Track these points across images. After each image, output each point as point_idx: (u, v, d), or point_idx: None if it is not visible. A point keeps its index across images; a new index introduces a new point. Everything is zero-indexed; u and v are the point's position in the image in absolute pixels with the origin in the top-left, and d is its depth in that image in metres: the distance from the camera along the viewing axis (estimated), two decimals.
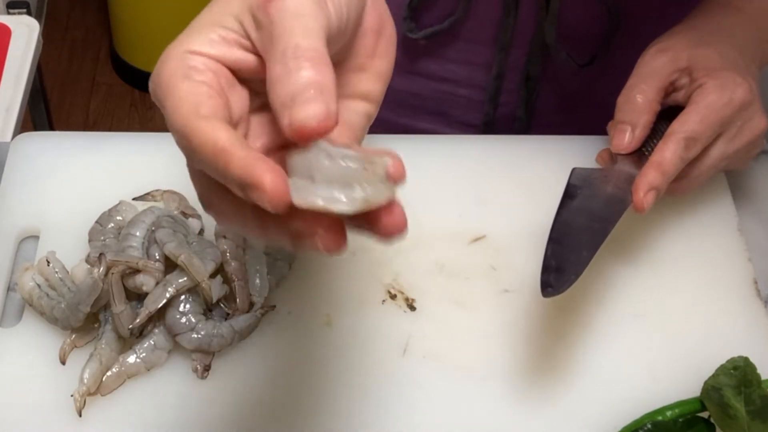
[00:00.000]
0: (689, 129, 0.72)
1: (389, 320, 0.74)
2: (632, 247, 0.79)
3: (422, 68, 0.90)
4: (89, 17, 2.57)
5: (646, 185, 0.71)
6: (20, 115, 1.17)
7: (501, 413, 0.69)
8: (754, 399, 0.67)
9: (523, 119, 0.91)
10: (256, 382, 0.70)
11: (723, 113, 0.73)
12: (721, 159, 0.75)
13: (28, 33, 1.24)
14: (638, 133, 0.74)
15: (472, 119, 0.93)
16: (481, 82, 0.89)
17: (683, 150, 0.72)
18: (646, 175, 0.72)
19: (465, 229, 0.79)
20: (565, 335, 0.74)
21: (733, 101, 0.73)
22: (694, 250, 0.79)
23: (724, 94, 0.73)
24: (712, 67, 0.74)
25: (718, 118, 0.73)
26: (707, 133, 0.73)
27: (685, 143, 0.72)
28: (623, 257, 0.78)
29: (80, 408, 0.67)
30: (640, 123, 0.74)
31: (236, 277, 0.72)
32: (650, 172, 0.72)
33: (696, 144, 0.73)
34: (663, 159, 0.72)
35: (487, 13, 0.84)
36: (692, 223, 0.81)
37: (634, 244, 0.79)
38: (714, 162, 0.75)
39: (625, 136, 0.74)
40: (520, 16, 0.84)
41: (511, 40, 0.86)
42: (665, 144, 0.72)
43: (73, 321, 0.70)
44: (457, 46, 0.87)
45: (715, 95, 0.73)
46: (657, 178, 0.72)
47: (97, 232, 0.75)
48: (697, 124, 0.72)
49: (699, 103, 0.73)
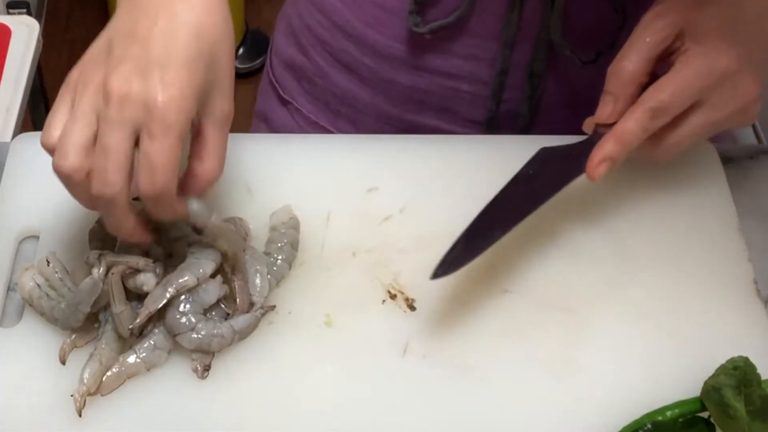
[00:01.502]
0: (659, 99, 0.72)
1: (389, 320, 0.74)
2: (632, 246, 0.79)
3: (427, 63, 0.90)
4: (89, 17, 2.57)
5: (601, 155, 0.73)
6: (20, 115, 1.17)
7: (501, 413, 0.69)
8: (754, 399, 0.67)
9: (526, 116, 0.91)
10: (256, 382, 0.70)
11: (700, 84, 0.73)
12: (704, 126, 0.75)
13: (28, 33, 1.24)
14: (620, 105, 0.74)
15: (476, 115, 0.93)
16: (486, 77, 0.89)
17: (648, 120, 0.72)
18: (604, 145, 0.73)
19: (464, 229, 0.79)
20: (565, 335, 0.74)
21: (713, 71, 0.73)
22: (694, 250, 0.79)
23: (704, 63, 0.72)
24: (703, 32, 0.73)
25: (694, 89, 0.73)
26: (678, 103, 0.73)
27: (651, 113, 0.72)
28: (623, 257, 0.78)
29: (80, 408, 0.67)
30: (622, 96, 0.74)
31: (236, 277, 0.72)
32: (608, 142, 0.73)
33: (664, 114, 0.73)
34: (625, 128, 0.73)
35: (493, 8, 0.84)
36: (692, 223, 0.81)
37: (634, 243, 0.79)
38: (695, 129, 0.75)
39: (607, 107, 0.75)
40: (525, 12, 0.84)
41: (516, 36, 0.86)
42: (630, 113, 0.73)
43: (73, 321, 0.70)
44: (462, 41, 0.87)
45: (695, 64, 0.73)
46: (614, 148, 0.73)
47: (97, 232, 0.75)
48: (669, 95, 0.72)
49: (677, 72, 0.73)
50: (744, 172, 0.85)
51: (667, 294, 0.76)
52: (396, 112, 0.94)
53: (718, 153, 0.85)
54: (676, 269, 0.78)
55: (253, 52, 2.37)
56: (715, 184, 0.83)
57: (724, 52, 0.73)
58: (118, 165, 0.64)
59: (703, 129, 0.75)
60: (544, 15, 0.84)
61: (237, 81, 0.70)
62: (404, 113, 0.94)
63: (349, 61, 0.92)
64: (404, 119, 0.94)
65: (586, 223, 0.80)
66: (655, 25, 0.75)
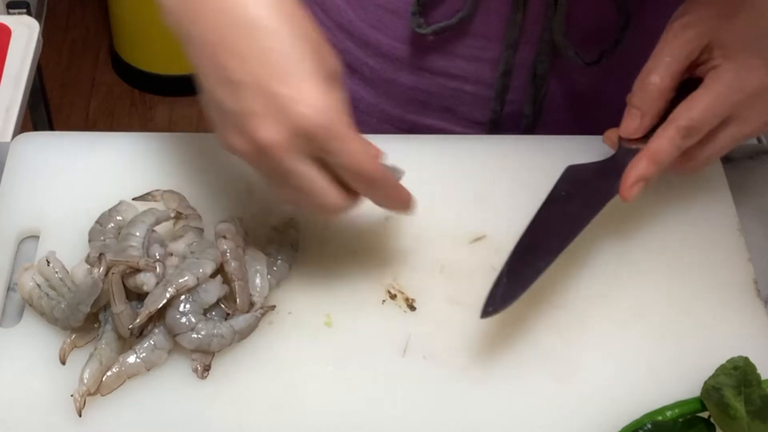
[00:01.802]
0: (691, 117, 0.71)
1: (389, 320, 0.74)
2: (632, 247, 0.79)
3: (430, 64, 0.90)
4: (89, 17, 2.57)
5: (636, 176, 0.72)
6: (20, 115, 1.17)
7: (501, 413, 0.69)
8: (754, 399, 0.67)
9: (530, 117, 0.91)
10: (256, 382, 0.70)
11: (731, 100, 0.72)
12: (734, 140, 0.74)
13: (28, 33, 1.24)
14: (647, 121, 0.74)
15: (479, 116, 0.93)
16: (489, 79, 0.89)
17: (681, 139, 0.72)
18: (638, 164, 0.72)
19: (465, 229, 0.79)
20: (565, 335, 0.74)
21: (745, 88, 0.72)
22: (694, 251, 0.79)
23: (735, 80, 0.72)
24: (732, 47, 0.72)
25: (726, 106, 0.72)
26: (710, 121, 0.72)
27: (684, 132, 0.72)
28: (623, 257, 0.78)
29: (80, 408, 0.67)
30: (650, 112, 0.74)
31: (236, 277, 0.72)
32: (642, 161, 0.72)
33: (697, 133, 0.72)
34: (658, 148, 0.72)
35: (496, 9, 0.84)
36: (692, 224, 0.81)
37: (634, 243, 0.79)
38: (726, 143, 0.74)
39: (634, 122, 0.74)
40: (528, 13, 0.84)
41: (520, 37, 0.86)
42: (663, 131, 0.72)
43: (73, 321, 0.70)
44: (465, 42, 0.87)
45: (726, 80, 0.72)
46: (648, 168, 0.72)
47: (97, 232, 0.75)
48: (701, 113, 0.71)
49: (708, 89, 0.72)
50: (744, 172, 0.85)
51: (667, 294, 0.76)
52: (399, 113, 0.94)
53: None
54: (676, 269, 0.78)
55: None
56: (715, 184, 0.83)
57: (755, 69, 0.72)
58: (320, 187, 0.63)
59: (733, 142, 0.75)
60: (547, 16, 0.84)
61: None
62: (407, 114, 0.94)
63: (352, 61, 0.92)
64: (407, 120, 0.94)
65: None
66: (683, 36, 0.73)
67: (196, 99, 0.67)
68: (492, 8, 0.84)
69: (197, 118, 2.29)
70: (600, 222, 0.80)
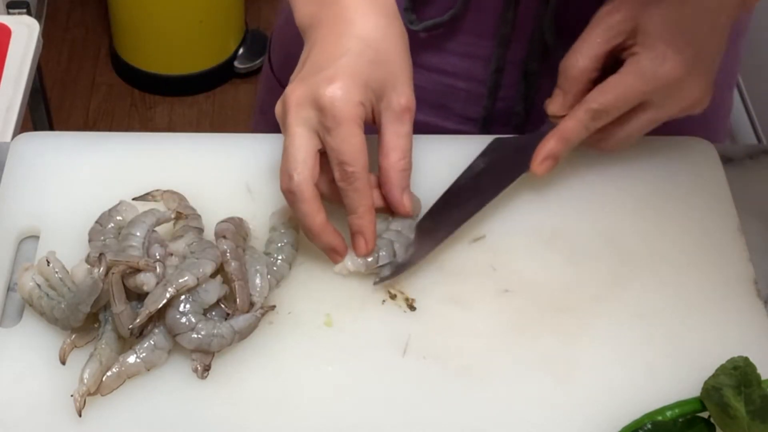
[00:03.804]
0: (600, 102, 0.76)
1: (389, 320, 0.74)
2: (632, 246, 0.79)
3: (422, 60, 0.90)
4: (89, 17, 2.57)
5: (545, 152, 0.78)
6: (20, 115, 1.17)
7: (501, 413, 0.69)
8: (754, 399, 0.67)
9: (521, 114, 0.91)
10: (256, 383, 0.70)
11: (643, 89, 0.75)
12: (650, 122, 0.78)
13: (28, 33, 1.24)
14: (569, 100, 0.78)
15: (471, 112, 0.93)
16: (481, 75, 0.90)
17: (589, 120, 0.76)
18: (548, 142, 0.78)
19: (465, 229, 0.79)
20: (565, 335, 0.74)
21: (659, 78, 0.75)
22: (694, 250, 0.79)
23: (648, 68, 0.75)
24: (652, 34, 0.75)
25: (637, 94, 0.75)
26: (620, 106, 0.76)
27: (593, 114, 0.76)
28: (623, 257, 0.78)
29: (80, 408, 0.67)
30: (571, 91, 0.78)
31: (236, 277, 0.72)
32: (552, 140, 0.78)
33: (605, 116, 0.76)
34: (567, 128, 0.77)
35: (488, 6, 0.84)
36: (692, 223, 0.81)
37: (634, 243, 0.79)
38: (642, 125, 0.78)
39: (557, 101, 0.79)
40: (519, 11, 0.84)
41: (511, 34, 0.86)
42: (573, 113, 0.77)
43: (73, 321, 0.70)
44: (457, 39, 0.88)
45: (641, 69, 0.75)
46: (557, 145, 0.77)
47: (97, 232, 0.75)
48: (610, 98, 0.75)
49: (622, 75, 0.76)
50: (744, 172, 0.85)
51: (667, 294, 0.76)
52: None
53: (718, 153, 0.85)
54: (676, 269, 0.78)
55: (253, 52, 2.37)
56: (715, 184, 0.83)
57: (670, 58, 0.75)
58: (301, 152, 0.70)
59: (649, 125, 0.78)
60: (538, 14, 0.84)
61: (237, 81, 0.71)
62: None
63: None
64: None
65: (586, 223, 0.80)
66: (607, 21, 0.77)
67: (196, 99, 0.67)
68: (483, 6, 0.85)
69: (197, 118, 2.29)
70: (600, 222, 0.80)
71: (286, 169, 0.71)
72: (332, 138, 0.70)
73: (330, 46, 0.72)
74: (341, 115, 0.69)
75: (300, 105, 0.70)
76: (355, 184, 0.71)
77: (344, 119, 0.69)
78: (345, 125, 0.69)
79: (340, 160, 0.70)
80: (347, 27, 0.72)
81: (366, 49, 0.72)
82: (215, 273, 0.71)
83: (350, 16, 0.73)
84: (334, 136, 0.70)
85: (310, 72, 0.71)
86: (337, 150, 0.70)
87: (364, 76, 0.71)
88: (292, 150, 0.71)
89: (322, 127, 0.70)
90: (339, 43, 0.72)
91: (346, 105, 0.69)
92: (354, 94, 0.70)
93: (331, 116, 0.69)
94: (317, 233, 0.72)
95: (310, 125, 0.70)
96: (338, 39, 0.72)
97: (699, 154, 0.85)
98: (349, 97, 0.69)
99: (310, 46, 0.74)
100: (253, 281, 0.73)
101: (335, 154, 0.70)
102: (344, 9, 0.73)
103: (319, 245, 0.74)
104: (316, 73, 0.71)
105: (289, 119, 0.71)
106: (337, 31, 0.72)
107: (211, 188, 0.80)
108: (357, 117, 0.70)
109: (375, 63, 0.72)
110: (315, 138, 0.71)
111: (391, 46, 0.74)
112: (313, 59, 0.72)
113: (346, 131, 0.69)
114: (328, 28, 0.73)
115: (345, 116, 0.69)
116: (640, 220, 0.80)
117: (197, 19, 2.28)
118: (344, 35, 0.72)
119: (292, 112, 0.71)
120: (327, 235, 0.73)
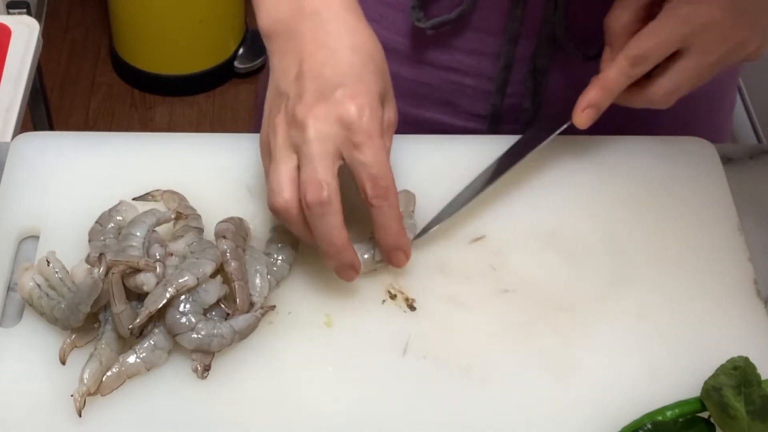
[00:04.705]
0: (638, 47, 0.76)
1: (389, 320, 0.74)
2: (632, 246, 0.79)
3: (430, 58, 0.90)
4: (89, 17, 2.57)
5: (586, 102, 0.78)
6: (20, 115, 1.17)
7: (501, 413, 0.70)
8: (754, 399, 0.67)
9: (530, 110, 0.91)
10: (256, 383, 0.70)
11: (682, 31, 0.75)
12: (696, 69, 0.77)
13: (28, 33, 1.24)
14: (615, 55, 0.78)
15: (479, 109, 0.93)
16: (489, 72, 0.89)
17: (629, 67, 0.76)
18: (588, 92, 0.78)
19: (465, 229, 0.79)
20: (565, 335, 0.74)
21: (695, 20, 0.75)
22: (694, 250, 0.79)
23: (685, 11, 0.75)
24: None
25: (676, 36, 0.75)
26: (660, 50, 0.76)
27: (633, 60, 0.76)
28: (623, 257, 0.78)
29: (80, 408, 0.67)
30: (619, 45, 0.78)
31: (236, 277, 0.72)
32: (593, 89, 0.78)
33: (645, 62, 0.76)
34: (608, 76, 0.77)
35: (496, 3, 0.84)
36: (692, 223, 0.81)
37: (634, 243, 0.79)
38: (687, 73, 0.77)
39: (607, 57, 0.79)
40: (528, 7, 0.84)
41: (519, 31, 0.86)
42: (613, 61, 0.77)
43: (73, 321, 0.70)
44: (465, 36, 0.87)
45: (677, 13, 0.75)
46: (597, 94, 0.78)
47: (97, 232, 0.75)
48: (650, 43, 0.76)
49: (659, 20, 0.76)
50: (744, 172, 0.85)
51: (667, 294, 0.76)
52: (400, 106, 0.94)
53: (718, 153, 0.85)
54: (676, 269, 0.78)
55: (253, 52, 2.37)
56: (715, 184, 0.83)
57: (706, 2, 0.75)
58: (326, 167, 0.68)
59: (696, 72, 0.77)
60: (547, 10, 0.84)
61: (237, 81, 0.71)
62: (407, 107, 0.94)
63: None
64: (407, 113, 0.94)
65: (586, 223, 0.80)
66: None
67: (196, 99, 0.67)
68: (491, 3, 0.84)
69: (197, 118, 2.29)
70: (600, 222, 0.80)
71: (312, 186, 0.69)
72: (362, 153, 0.69)
73: (328, 60, 0.71)
74: (372, 131, 0.69)
75: (319, 121, 0.69)
76: (390, 199, 0.70)
77: (375, 134, 0.69)
78: (376, 139, 0.69)
79: (373, 175, 0.69)
80: (337, 39, 0.71)
81: (367, 60, 0.72)
82: (215, 273, 0.71)
83: (335, 29, 0.72)
84: (365, 151, 0.69)
85: (319, 89, 0.70)
86: (369, 165, 0.69)
87: (376, 89, 0.71)
88: (315, 160, 0.69)
89: (350, 143, 0.69)
90: (336, 57, 0.71)
91: (374, 120, 0.69)
92: (377, 108, 0.70)
93: (361, 132, 0.68)
94: (342, 249, 0.71)
95: (333, 142, 0.69)
96: (333, 53, 0.71)
97: (699, 154, 0.85)
98: (375, 112, 0.70)
99: (298, 61, 0.72)
100: (253, 281, 0.73)
101: (366, 169, 0.69)
102: (325, 22, 0.72)
103: (337, 262, 0.72)
104: (328, 89, 0.69)
105: (310, 135, 0.69)
106: (328, 44, 0.71)
107: (211, 188, 0.80)
108: (382, 133, 0.70)
109: (377, 75, 0.72)
110: (338, 154, 0.70)
111: (381, 57, 0.74)
112: (311, 74, 0.71)
113: (377, 145, 0.69)
114: (313, 43, 0.72)
115: (375, 131, 0.69)
116: (640, 220, 0.81)
117: (197, 19, 2.28)
118: (339, 48, 0.71)
119: (310, 127, 0.69)
120: (349, 251, 0.72)
